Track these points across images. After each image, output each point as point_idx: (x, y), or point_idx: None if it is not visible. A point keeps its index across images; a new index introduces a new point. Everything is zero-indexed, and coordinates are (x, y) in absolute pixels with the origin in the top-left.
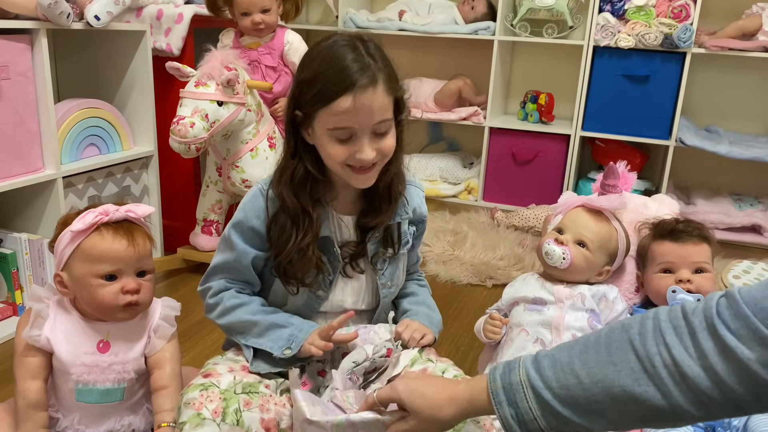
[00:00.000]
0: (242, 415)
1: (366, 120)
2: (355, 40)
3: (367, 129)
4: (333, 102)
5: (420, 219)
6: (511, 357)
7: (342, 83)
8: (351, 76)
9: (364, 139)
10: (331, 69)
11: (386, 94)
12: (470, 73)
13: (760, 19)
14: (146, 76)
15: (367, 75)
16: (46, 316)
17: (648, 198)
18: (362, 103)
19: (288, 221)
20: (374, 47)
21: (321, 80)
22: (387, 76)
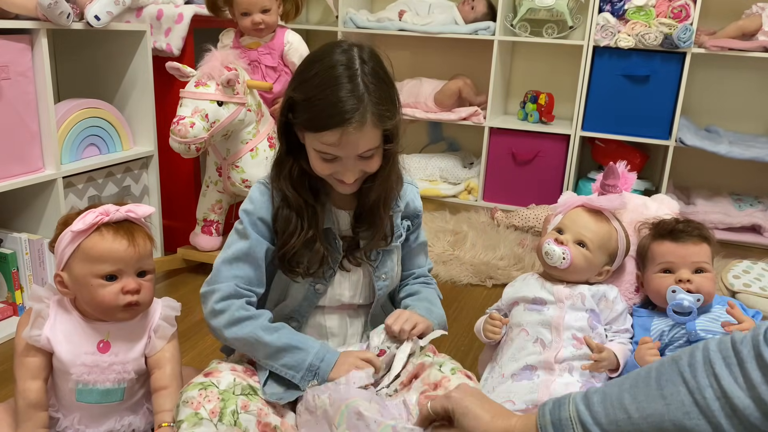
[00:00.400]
0: (239, 417)
1: (350, 152)
2: (354, 61)
3: (351, 157)
4: (321, 132)
5: (414, 213)
6: (511, 357)
7: (331, 119)
8: (341, 114)
9: (347, 163)
10: (325, 99)
11: (374, 128)
12: (470, 73)
13: (760, 19)
14: (146, 76)
15: (357, 114)
16: (46, 316)
17: (648, 198)
18: (348, 140)
19: (293, 214)
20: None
21: (313, 108)
22: (378, 110)
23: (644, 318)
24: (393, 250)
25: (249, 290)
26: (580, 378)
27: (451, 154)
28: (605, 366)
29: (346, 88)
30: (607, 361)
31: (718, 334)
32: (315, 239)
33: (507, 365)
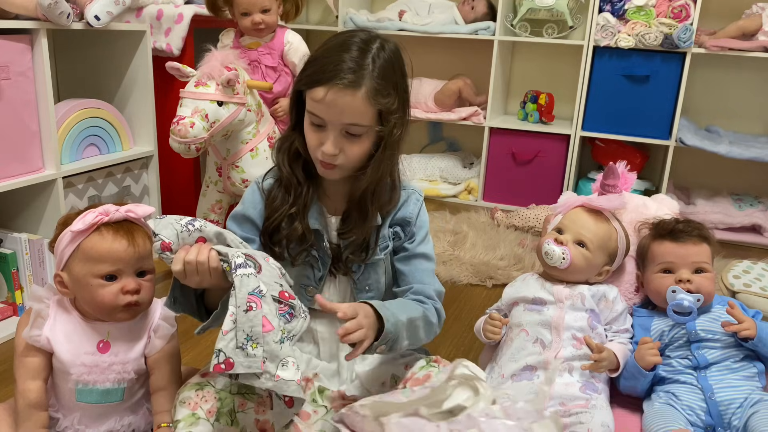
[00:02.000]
0: (237, 416)
1: (335, 117)
2: (374, 42)
3: (336, 125)
4: (312, 88)
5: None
6: (511, 357)
7: (326, 74)
8: (336, 71)
9: (331, 133)
10: (329, 57)
11: (367, 101)
12: (470, 73)
13: (760, 19)
14: (146, 76)
15: (352, 77)
16: (46, 316)
17: (648, 198)
18: (334, 100)
19: (282, 190)
20: (387, 57)
21: (316, 64)
22: (376, 85)
23: (644, 318)
24: (378, 262)
25: None
26: (580, 378)
27: (451, 154)
28: (605, 366)
29: (353, 54)
30: (607, 361)
31: (718, 334)
32: (296, 216)
33: (507, 365)
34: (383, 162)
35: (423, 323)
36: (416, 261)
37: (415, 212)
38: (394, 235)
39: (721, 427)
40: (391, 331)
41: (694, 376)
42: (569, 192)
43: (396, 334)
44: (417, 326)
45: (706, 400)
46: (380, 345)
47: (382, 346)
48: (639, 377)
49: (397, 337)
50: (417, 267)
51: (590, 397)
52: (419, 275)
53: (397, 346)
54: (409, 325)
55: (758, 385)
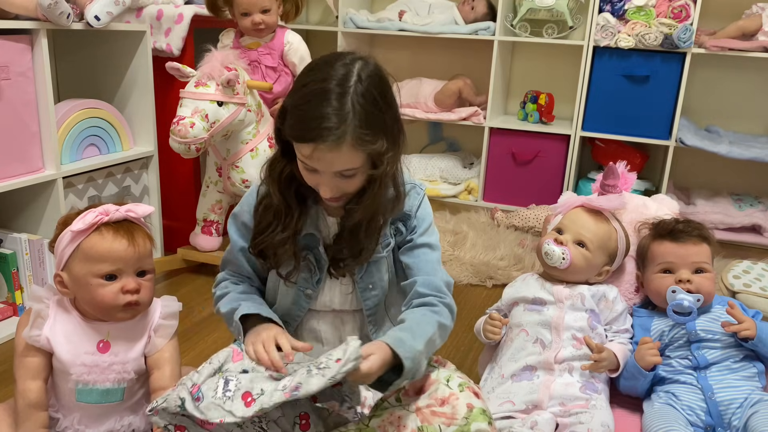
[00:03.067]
0: None
1: (325, 167)
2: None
3: (328, 172)
4: (299, 143)
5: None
6: (511, 357)
7: (308, 132)
8: (318, 129)
9: (325, 178)
10: (309, 111)
11: (354, 150)
12: (470, 73)
13: (760, 19)
14: (146, 76)
15: (334, 134)
16: (46, 316)
17: (648, 198)
18: (322, 156)
19: (270, 213)
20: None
21: (298, 116)
22: (361, 135)
23: (644, 318)
24: (380, 260)
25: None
26: (579, 378)
27: (451, 154)
28: (605, 366)
29: (332, 105)
30: (607, 361)
31: (718, 334)
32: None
33: (507, 366)
34: (376, 198)
35: (439, 334)
36: (420, 251)
37: (415, 205)
38: (395, 231)
39: (721, 427)
40: (410, 368)
41: (694, 376)
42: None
43: (415, 367)
44: (434, 342)
45: (706, 400)
46: (402, 381)
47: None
48: (639, 377)
49: (418, 367)
50: (421, 258)
51: (590, 397)
52: (424, 266)
53: (418, 374)
54: (427, 347)
55: (758, 385)
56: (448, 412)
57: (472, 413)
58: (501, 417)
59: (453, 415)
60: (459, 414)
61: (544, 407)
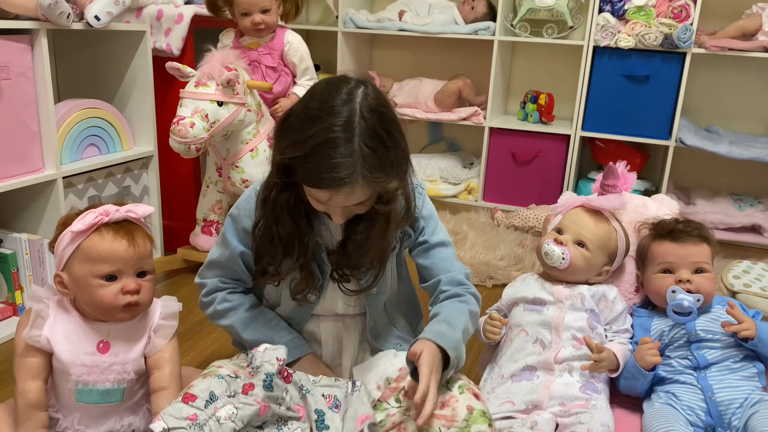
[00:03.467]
0: None
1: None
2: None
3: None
4: (313, 188)
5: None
6: (511, 357)
7: (323, 182)
8: (333, 179)
9: (337, 210)
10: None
11: (365, 187)
12: (470, 73)
13: (760, 19)
14: (146, 76)
15: (347, 184)
16: (46, 317)
17: (648, 198)
18: (338, 200)
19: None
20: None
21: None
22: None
23: (644, 318)
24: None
25: (233, 282)
26: (579, 378)
27: (451, 154)
28: (605, 366)
29: (341, 153)
30: (606, 361)
31: (718, 334)
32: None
33: (506, 366)
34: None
35: (471, 322)
36: (436, 251)
37: (419, 207)
38: (402, 233)
39: (721, 427)
40: (455, 357)
41: (694, 377)
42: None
43: (459, 355)
44: (468, 330)
45: (706, 400)
46: (449, 371)
47: (452, 371)
48: (639, 377)
49: (461, 355)
50: (438, 257)
51: (590, 397)
52: (443, 264)
53: (462, 362)
54: (464, 336)
55: (758, 385)
56: (448, 415)
57: (473, 415)
58: (501, 417)
59: (453, 418)
60: (459, 416)
61: (544, 407)
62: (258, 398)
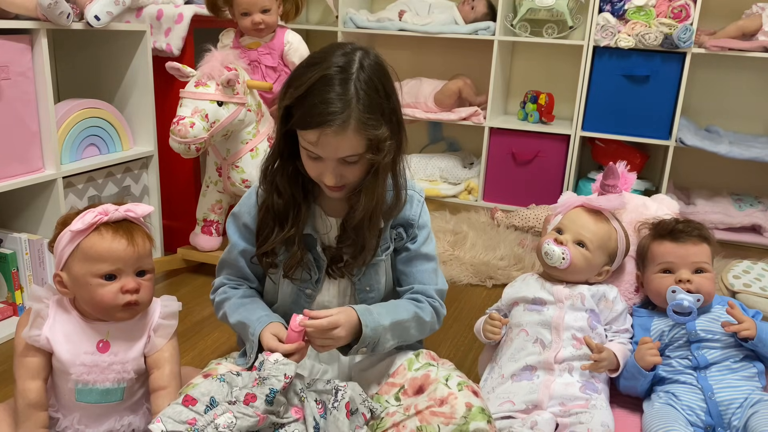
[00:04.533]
0: None
1: (330, 153)
2: (353, 65)
3: (332, 159)
4: (304, 130)
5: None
6: (511, 357)
7: (313, 119)
8: (323, 115)
9: (329, 165)
10: (314, 99)
11: (357, 134)
12: (470, 73)
13: (760, 19)
14: (146, 76)
15: (339, 118)
16: (45, 316)
17: (648, 198)
18: (327, 141)
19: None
20: (369, 79)
21: (303, 106)
22: (363, 118)
23: (644, 318)
24: (379, 263)
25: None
26: (579, 378)
27: (451, 154)
28: (605, 366)
29: (336, 90)
30: (606, 361)
31: (718, 334)
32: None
33: (506, 366)
34: (377, 188)
35: (414, 323)
36: (417, 262)
37: (417, 213)
38: (396, 235)
39: (721, 427)
40: (369, 336)
41: (694, 376)
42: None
43: (376, 337)
44: (406, 327)
45: (706, 400)
46: (360, 347)
47: (363, 348)
48: (639, 377)
49: (378, 339)
50: (418, 268)
51: (590, 397)
52: (420, 276)
53: (380, 347)
54: (394, 327)
55: (758, 385)
56: (446, 412)
57: (471, 412)
58: (501, 417)
59: (452, 415)
60: (458, 413)
61: (544, 407)
62: (258, 411)
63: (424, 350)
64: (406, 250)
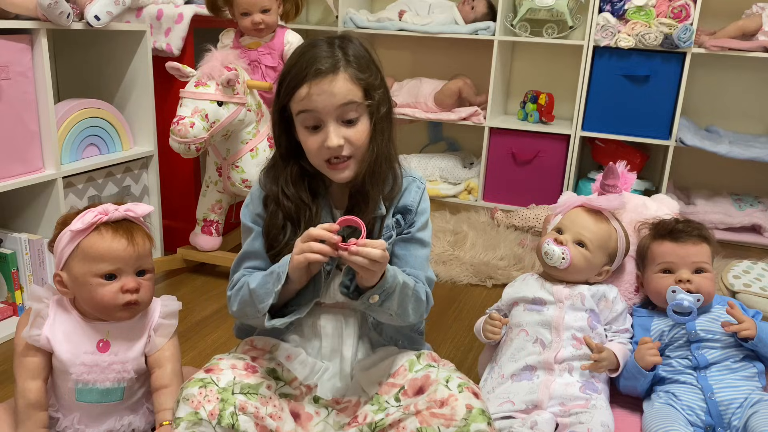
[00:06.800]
0: (238, 419)
1: (327, 103)
2: (338, 38)
3: (330, 113)
4: (295, 92)
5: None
6: (511, 357)
7: (303, 72)
8: (312, 65)
9: (329, 124)
10: (299, 61)
11: (350, 80)
12: (470, 73)
13: (760, 19)
14: (146, 76)
15: (329, 63)
16: (45, 316)
17: (648, 198)
18: (319, 88)
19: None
20: (355, 46)
21: (290, 72)
22: (353, 66)
23: (644, 318)
24: None
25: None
26: (579, 378)
27: (451, 154)
28: (605, 366)
29: (322, 48)
30: (606, 361)
31: (718, 334)
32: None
33: (506, 365)
34: (376, 141)
35: (413, 296)
36: (412, 246)
37: (416, 200)
38: (396, 223)
39: (721, 427)
40: (388, 282)
41: (694, 376)
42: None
43: (392, 287)
44: (408, 295)
45: (706, 400)
46: (375, 293)
47: (376, 295)
48: (639, 377)
49: (393, 291)
50: (411, 252)
51: (590, 397)
52: (412, 260)
53: (388, 303)
54: (403, 289)
55: (758, 385)
56: (447, 414)
57: (472, 414)
58: (501, 417)
59: (452, 417)
60: (458, 415)
61: (544, 407)
62: None
63: (426, 351)
64: (404, 234)
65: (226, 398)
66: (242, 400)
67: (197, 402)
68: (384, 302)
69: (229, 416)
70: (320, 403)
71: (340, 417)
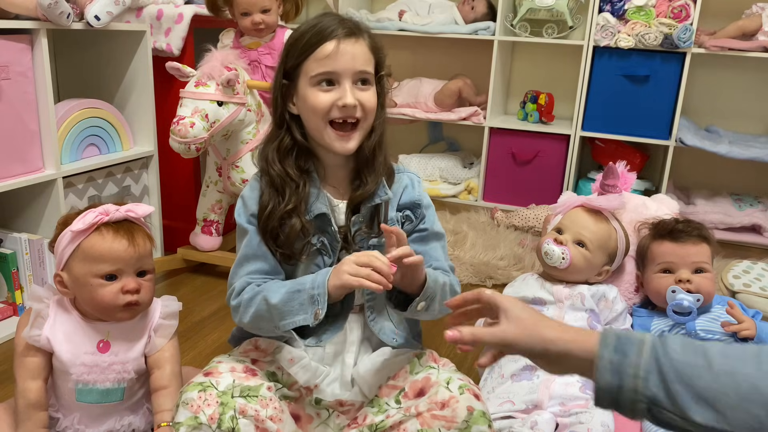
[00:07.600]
0: (238, 423)
1: (348, 64)
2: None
3: (349, 74)
4: (317, 48)
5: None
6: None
7: (325, 32)
8: (334, 27)
9: (346, 84)
10: (316, 26)
11: (368, 49)
12: (470, 73)
13: (760, 19)
14: (146, 76)
15: (350, 27)
16: (46, 316)
17: (648, 198)
18: (345, 48)
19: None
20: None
21: (306, 35)
22: (370, 36)
23: (644, 318)
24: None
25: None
26: (579, 378)
27: (451, 154)
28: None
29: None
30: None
31: (718, 334)
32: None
33: (506, 365)
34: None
35: (450, 291)
36: (431, 241)
37: (421, 193)
38: (404, 218)
39: None
40: (431, 287)
41: None
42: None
43: (435, 291)
44: (446, 292)
45: None
46: (421, 301)
47: (422, 302)
48: None
49: (435, 294)
50: (433, 245)
51: (590, 396)
52: (435, 253)
53: (434, 305)
54: (443, 288)
55: None
56: (448, 416)
57: (473, 416)
58: (501, 417)
59: (453, 419)
60: (459, 417)
61: (544, 407)
62: None
63: (427, 351)
64: (420, 230)
65: (225, 402)
66: (242, 403)
67: (197, 406)
68: (429, 307)
69: (229, 420)
70: (321, 405)
71: (341, 419)
